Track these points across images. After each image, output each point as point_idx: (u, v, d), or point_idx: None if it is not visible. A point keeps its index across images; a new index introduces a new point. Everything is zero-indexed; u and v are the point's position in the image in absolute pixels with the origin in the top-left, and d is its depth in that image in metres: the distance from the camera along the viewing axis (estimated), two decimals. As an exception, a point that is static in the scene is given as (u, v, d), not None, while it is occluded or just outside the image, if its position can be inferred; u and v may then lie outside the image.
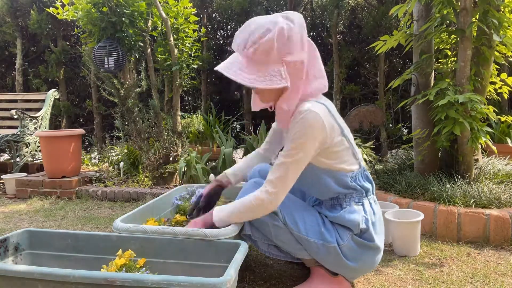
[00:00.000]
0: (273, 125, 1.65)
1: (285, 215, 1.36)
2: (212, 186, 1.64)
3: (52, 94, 4.02)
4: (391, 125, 4.36)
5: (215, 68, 1.28)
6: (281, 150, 1.37)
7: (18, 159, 3.65)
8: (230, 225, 1.37)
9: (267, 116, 4.89)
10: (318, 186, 1.38)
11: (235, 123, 4.81)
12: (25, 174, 3.46)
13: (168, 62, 3.37)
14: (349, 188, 1.36)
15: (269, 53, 1.23)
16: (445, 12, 2.29)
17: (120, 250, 1.28)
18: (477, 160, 2.46)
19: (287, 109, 1.30)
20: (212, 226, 1.37)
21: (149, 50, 3.45)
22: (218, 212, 1.38)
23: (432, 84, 2.50)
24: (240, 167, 1.68)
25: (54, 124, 5.47)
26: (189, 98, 5.78)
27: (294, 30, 1.25)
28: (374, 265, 1.40)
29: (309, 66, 1.33)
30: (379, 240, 1.38)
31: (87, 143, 5.36)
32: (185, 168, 3.02)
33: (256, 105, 1.45)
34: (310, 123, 1.24)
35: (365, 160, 3.21)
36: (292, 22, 1.26)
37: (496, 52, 2.36)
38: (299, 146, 1.25)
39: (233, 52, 1.33)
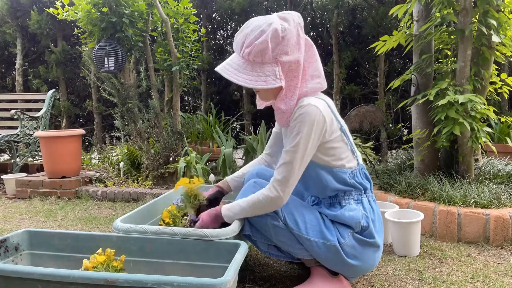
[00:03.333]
0: (273, 129, 1.64)
1: (285, 214, 1.36)
2: (213, 192, 1.65)
3: (52, 95, 4.02)
4: (391, 125, 4.36)
5: (216, 69, 1.30)
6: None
7: (18, 159, 3.65)
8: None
9: (267, 116, 4.89)
10: (317, 183, 1.39)
11: (235, 123, 4.80)
12: (25, 174, 3.46)
13: (168, 62, 3.37)
14: (348, 185, 1.37)
15: (263, 54, 1.25)
16: (445, 12, 2.29)
17: (101, 249, 1.30)
18: (477, 160, 2.46)
19: (285, 109, 1.31)
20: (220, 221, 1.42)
21: (149, 50, 3.45)
22: (226, 211, 1.40)
23: (432, 84, 2.51)
24: (242, 174, 1.66)
25: (54, 124, 5.47)
26: (189, 98, 5.77)
27: (290, 30, 1.26)
28: (375, 264, 1.41)
29: (306, 66, 1.34)
30: (379, 238, 1.39)
31: (87, 143, 5.36)
32: (185, 168, 3.01)
33: (260, 103, 1.47)
34: (310, 117, 1.26)
35: (365, 160, 3.21)
36: (287, 22, 1.27)
37: (496, 52, 2.36)
38: (301, 141, 1.27)
39: (233, 52, 1.36)
